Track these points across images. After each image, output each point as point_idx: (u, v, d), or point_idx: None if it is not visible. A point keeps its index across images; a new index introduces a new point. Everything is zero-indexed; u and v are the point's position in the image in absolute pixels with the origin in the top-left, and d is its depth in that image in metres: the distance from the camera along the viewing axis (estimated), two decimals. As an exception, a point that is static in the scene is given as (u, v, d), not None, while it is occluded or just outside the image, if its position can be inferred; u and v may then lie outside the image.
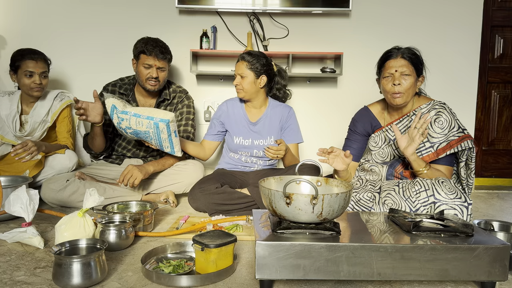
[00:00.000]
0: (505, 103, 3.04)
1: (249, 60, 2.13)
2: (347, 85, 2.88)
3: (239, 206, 2.00)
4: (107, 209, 1.71)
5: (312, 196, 1.13)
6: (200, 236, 1.28)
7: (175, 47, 2.83)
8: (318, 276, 1.13)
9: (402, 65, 1.79)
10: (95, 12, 2.83)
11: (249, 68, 2.13)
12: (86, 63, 2.85)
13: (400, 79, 1.78)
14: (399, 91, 1.79)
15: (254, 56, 2.15)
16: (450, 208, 1.58)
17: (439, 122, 1.81)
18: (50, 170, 2.19)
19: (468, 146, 1.76)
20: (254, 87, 2.16)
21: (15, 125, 2.28)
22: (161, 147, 2.03)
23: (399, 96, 1.80)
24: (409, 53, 1.82)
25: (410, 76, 1.79)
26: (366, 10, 2.82)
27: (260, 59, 2.15)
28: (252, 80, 2.15)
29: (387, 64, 1.83)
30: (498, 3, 2.93)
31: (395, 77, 1.79)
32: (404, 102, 1.82)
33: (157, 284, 1.20)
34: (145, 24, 2.82)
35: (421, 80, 1.85)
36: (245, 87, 2.15)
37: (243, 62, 2.14)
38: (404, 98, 1.81)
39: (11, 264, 1.34)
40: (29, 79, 2.22)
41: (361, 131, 2.01)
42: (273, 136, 2.24)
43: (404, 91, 1.79)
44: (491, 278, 1.16)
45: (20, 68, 2.22)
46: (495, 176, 3.10)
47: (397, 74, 1.79)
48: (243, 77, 2.14)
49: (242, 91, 2.17)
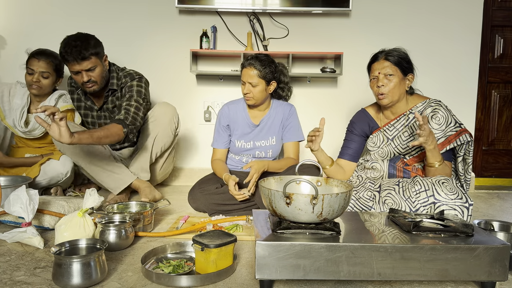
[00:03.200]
0: (505, 103, 3.04)
1: (260, 69, 2.03)
2: (347, 85, 2.88)
3: (239, 206, 2.00)
4: (107, 209, 1.71)
5: (312, 196, 1.13)
6: (200, 236, 1.28)
7: (175, 47, 2.84)
8: (318, 276, 1.13)
9: (384, 67, 1.83)
10: (95, 12, 2.83)
11: (260, 76, 2.04)
12: (86, 63, 2.85)
13: (383, 81, 1.83)
14: (382, 92, 1.84)
15: (263, 63, 2.05)
16: (451, 209, 1.58)
17: (436, 118, 1.83)
18: (45, 175, 2.19)
19: (466, 139, 1.79)
20: (265, 94, 2.10)
21: (22, 117, 2.33)
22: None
23: (383, 97, 1.85)
24: (392, 54, 1.85)
25: (394, 76, 1.82)
26: (366, 10, 2.82)
27: (270, 65, 2.07)
28: (263, 88, 2.07)
29: (372, 67, 1.90)
30: (498, 3, 2.93)
31: (379, 79, 1.85)
32: (390, 102, 1.86)
33: (157, 284, 1.20)
34: (145, 24, 2.83)
35: (410, 79, 1.87)
36: (256, 95, 2.07)
37: (252, 69, 2.03)
38: (389, 98, 1.84)
39: (11, 264, 1.34)
40: (29, 76, 2.28)
41: (359, 132, 2.03)
42: (275, 136, 2.22)
43: (388, 92, 1.83)
44: (491, 278, 1.16)
45: (26, 65, 2.30)
46: (495, 176, 3.10)
47: (380, 76, 1.84)
48: (254, 86, 2.05)
49: (253, 99, 2.08)
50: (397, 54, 1.85)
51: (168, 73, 2.87)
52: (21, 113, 2.33)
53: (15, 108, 2.34)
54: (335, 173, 1.95)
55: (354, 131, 2.04)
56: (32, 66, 2.26)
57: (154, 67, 2.86)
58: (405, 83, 1.86)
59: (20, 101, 2.36)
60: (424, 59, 2.80)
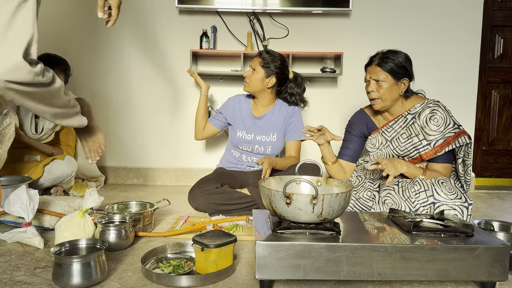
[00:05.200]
0: (505, 103, 3.04)
1: (265, 58, 2.15)
2: (347, 85, 2.88)
3: (239, 206, 2.00)
4: (107, 209, 1.71)
5: (312, 196, 1.13)
6: (200, 236, 1.28)
7: (175, 47, 2.84)
8: (318, 276, 1.13)
9: (375, 72, 1.84)
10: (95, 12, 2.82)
11: (262, 65, 2.15)
12: (86, 63, 2.84)
13: (373, 86, 1.85)
14: (373, 98, 1.86)
15: (270, 56, 2.16)
16: (450, 209, 1.58)
17: (434, 119, 1.82)
18: (49, 176, 2.19)
19: (465, 141, 1.78)
20: (260, 85, 2.17)
21: (31, 124, 2.31)
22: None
23: (374, 102, 1.87)
24: (385, 60, 1.83)
25: (385, 82, 1.82)
26: (366, 10, 2.82)
27: (276, 60, 2.16)
28: (261, 77, 2.15)
29: (367, 70, 1.92)
30: (498, 3, 2.93)
31: (370, 84, 1.87)
32: (382, 107, 1.87)
33: (157, 284, 1.20)
34: (145, 24, 2.82)
35: (404, 83, 1.85)
36: (252, 81, 2.17)
37: (259, 58, 2.17)
38: (381, 104, 1.86)
39: (11, 264, 1.34)
40: None
41: (358, 133, 2.03)
42: (276, 133, 2.23)
43: (379, 97, 1.85)
44: (491, 278, 1.16)
45: None
46: (495, 176, 3.10)
47: (372, 82, 1.86)
48: (254, 71, 2.16)
49: (248, 84, 2.19)
50: (391, 60, 1.82)
51: (168, 73, 2.87)
52: (31, 119, 2.31)
53: (24, 115, 2.30)
54: (336, 172, 1.96)
55: (352, 131, 2.04)
56: None
57: (154, 67, 2.86)
58: (398, 88, 1.84)
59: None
60: (424, 59, 2.80)
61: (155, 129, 2.91)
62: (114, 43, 2.84)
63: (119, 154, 2.94)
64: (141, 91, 2.88)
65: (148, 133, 2.92)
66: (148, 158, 2.93)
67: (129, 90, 2.88)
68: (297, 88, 2.28)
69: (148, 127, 2.91)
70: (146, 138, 2.92)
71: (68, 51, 2.82)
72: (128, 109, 2.90)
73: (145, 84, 2.88)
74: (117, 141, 2.92)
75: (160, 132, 2.92)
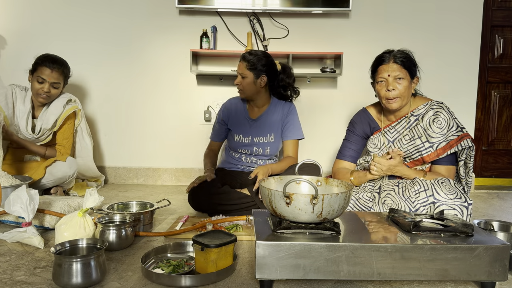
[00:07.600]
0: (505, 103, 3.04)
1: (249, 60, 2.11)
2: (347, 85, 2.88)
3: (239, 206, 2.00)
4: (107, 209, 1.71)
5: (312, 196, 1.13)
6: (200, 236, 1.28)
7: (175, 47, 2.84)
8: (318, 276, 1.13)
9: (394, 70, 1.78)
10: (95, 12, 2.83)
11: (249, 68, 2.12)
12: (86, 63, 2.85)
13: (394, 84, 1.78)
14: (394, 96, 1.79)
15: (254, 56, 2.13)
16: (450, 208, 1.58)
17: (437, 122, 1.80)
18: (51, 177, 2.19)
19: (468, 145, 1.76)
20: (254, 87, 2.15)
21: (27, 124, 2.28)
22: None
23: (394, 101, 1.80)
24: (401, 56, 1.80)
25: (404, 79, 1.78)
26: (366, 10, 2.82)
27: (261, 59, 2.13)
28: (251, 81, 2.13)
29: (380, 69, 1.82)
30: (498, 3, 2.93)
31: (388, 82, 1.79)
32: (400, 106, 1.82)
33: (157, 284, 1.20)
34: (145, 24, 2.83)
35: (415, 82, 1.84)
36: (245, 87, 2.15)
37: (243, 61, 2.13)
38: (399, 103, 1.81)
39: (11, 264, 1.34)
40: (39, 85, 2.23)
41: (360, 132, 2.01)
42: (273, 133, 2.23)
43: (399, 96, 1.79)
44: (491, 278, 1.16)
45: (36, 71, 2.23)
46: (495, 176, 3.10)
47: (390, 79, 1.78)
48: (243, 77, 2.14)
49: (242, 91, 2.17)
50: (405, 56, 1.80)
51: (168, 73, 2.87)
52: (27, 120, 2.28)
53: (20, 116, 2.28)
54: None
55: (355, 131, 2.02)
56: (43, 75, 2.20)
57: (154, 67, 2.86)
58: (411, 86, 1.83)
59: (23, 107, 2.29)
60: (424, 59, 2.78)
61: (155, 129, 2.92)
62: (114, 43, 2.84)
63: (119, 154, 2.94)
64: (141, 91, 2.89)
65: (148, 133, 2.92)
66: (148, 158, 2.94)
67: (129, 90, 2.88)
68: (287, 78, 2.25)
69: (148, 127, 2.91)
70: (146, 138, 2.92)
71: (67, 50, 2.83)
72: (128, 109, 2.90)
73: (145, 84, 2.88)
74: (117, 141, 2.93)
75: (160, 132, 2.92)
